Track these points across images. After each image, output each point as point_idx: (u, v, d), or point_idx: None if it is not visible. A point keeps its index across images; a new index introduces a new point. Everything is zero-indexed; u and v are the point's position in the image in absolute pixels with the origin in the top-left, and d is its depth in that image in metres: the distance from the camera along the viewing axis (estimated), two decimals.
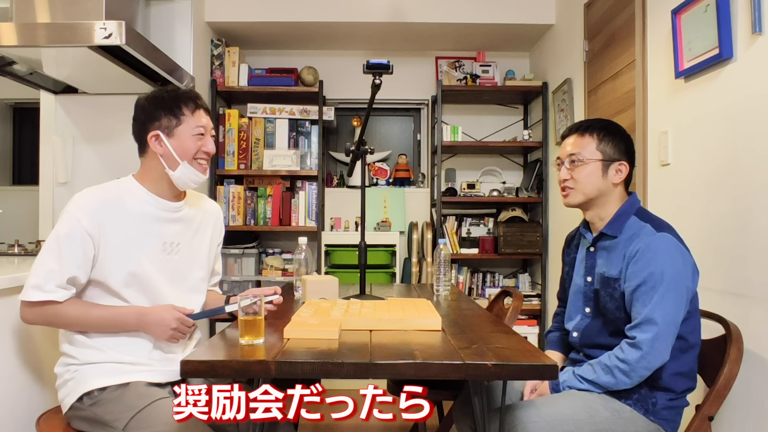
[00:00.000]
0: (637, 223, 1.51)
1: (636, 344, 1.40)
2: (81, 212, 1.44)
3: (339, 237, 3.53)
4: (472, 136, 3.82)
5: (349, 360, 1.13)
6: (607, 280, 1.52)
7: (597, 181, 1.54)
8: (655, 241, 1.43)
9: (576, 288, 1.66)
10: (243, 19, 3.30)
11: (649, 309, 1.40)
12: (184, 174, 1.54)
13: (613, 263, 1.52)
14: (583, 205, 1.59)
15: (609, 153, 1.54)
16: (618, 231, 1.53)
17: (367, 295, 1.86)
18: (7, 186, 4.60)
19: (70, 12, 2.26)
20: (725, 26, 1.69)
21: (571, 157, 1.56)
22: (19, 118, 4.68)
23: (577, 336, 1.62)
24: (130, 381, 1.47)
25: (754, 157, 1.61)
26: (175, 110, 1.52)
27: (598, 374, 1.46)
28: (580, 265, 1.66)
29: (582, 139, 1.56)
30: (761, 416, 1.57)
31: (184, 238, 1.62)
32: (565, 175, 1.58)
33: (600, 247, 1.59)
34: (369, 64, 1.66)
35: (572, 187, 1.57)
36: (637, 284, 1.43)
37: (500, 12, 3.31)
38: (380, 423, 2.90)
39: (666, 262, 1.41)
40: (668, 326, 1.40)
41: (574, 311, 1.66)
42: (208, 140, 1.58)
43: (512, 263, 3.86)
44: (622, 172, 1.54)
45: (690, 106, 1.93)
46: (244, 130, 3.45)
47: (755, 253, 1.59)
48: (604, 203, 1.56)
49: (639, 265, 1.43)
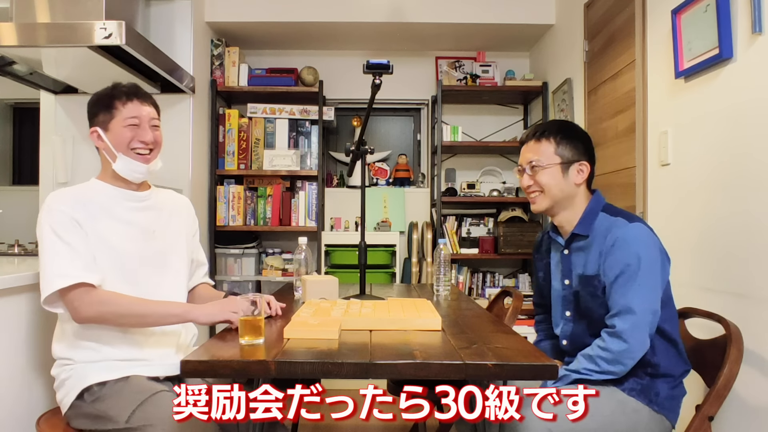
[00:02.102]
0: (607, 218, 1.52)
1: (617, 333, 1.41)
2: (62, 205, 1.48)
3: (339, 237, 3.53)
4: (472, 136, 3.82)
5: (349, 360, 1.13)
6: (587, 279, 1.53)
7: (559, 183, 1.55)
8: (629, 231, 1.45)
9: (556, 293, 1.66)
10: (243, 19, 3.30)
11: (627, 298, 1.42)
12: (125, 166, 1.56)
13: (590, 261, 1.52)
14: (550, 209, 1.59)
15: (567, 156, 1.55)
16: (588, 230, 1.54)
17: (367, 295, 1.86)
18: (7, 186, 4.60)
19: (70, 12, 2.26)
20: (725, 26, 1.69)
21: (531, 164, 1.58)
22: (19, 118, 4.68)
23: (567, 344, 1.63)
24: (129, 375, 1.48)
25: (754, 157, 1.61)
26: (109, 105, 1.55)
27: (581, 362, 1.47)
28: (555, 270, 1.67)
29: (539, 145, 1.57)
30: (761, 416, 1.57)
31: (158, 225, 1.64)
32: (527, 182, 1.59)
33: (574, 249, 1.59)
34: (369, 64, 1.66)
35: (538, 191, 1.58)
36: (615, 275, 1.44)
37: (500, 12, 3.31)
38: (380, 423, 2.90)
39: (641, 250, 1.43)
40: (646, 314, 1.41)
41: (557, 316, 1.66)
42: (143, 130, 1.57)
43: (512, 263, 3.86)
44: (583, 172, 1.56)
45: (690, 106, 1.93)
46: (244, 130, 3.45)
47: (755, 253, 1.59)
48: (571, 205, 1.57)
49: (616, 256, 1.45)
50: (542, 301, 1.78)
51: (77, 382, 1.48)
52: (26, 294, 1.64)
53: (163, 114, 1.70)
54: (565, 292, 1.62)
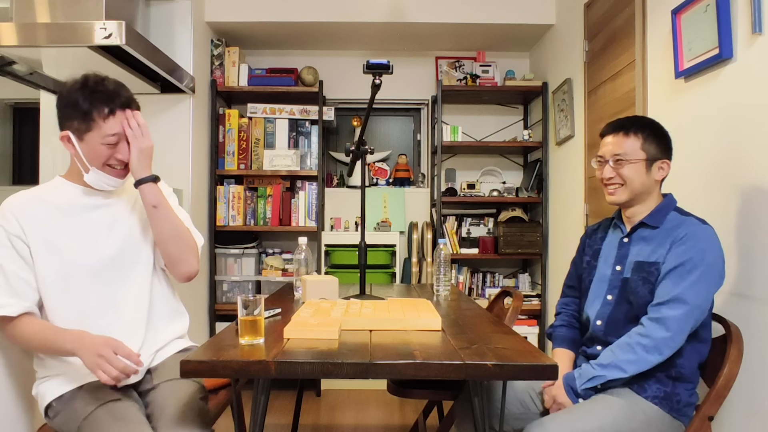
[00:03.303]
0: (679, 216, 1.55)
1: (662, 320, 1.42)
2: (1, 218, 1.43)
3: (339, 237, 3.53)
4: (472, 136, 3.82)
5: (349, 360, 1.13)
6: (643, 264, 1.55)
7: (642, 177, 1.58)
8: (701, 230, 1.48)
9: (600, 276, 1.68)
10: (243, 19, 3.30)
11: (681, 288, 1.43)
12: (97, 179, 1.49)
13: (653, 250, 1.54)
14: (627, 202, 1.61)
15: (653, 152, 1.58)
16: (659, 222, 1.57)
17: (367, 295, 1.86)
18: (7, 186, 4.60)
19: (70, 12, 2.26)
20: (725, 26, 1.69)
21: (616, 157, 1.59)
22: (19, 118, 4.68)
23: (601, 324, 1.62)
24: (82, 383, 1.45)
25: (755, 156, 1.61)
26: (86, 116, 1.42)
27: (617, 354, 1.46)
28: (608, 255, 1.68)
29: (627, 139, 1.59)
30: (761, 416, 1.57)
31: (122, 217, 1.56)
32: (610, 173, 1.61)
33: (637, 237, 1.61)
34: (369, 64, 1.66)
35: (618, 184, 1.60)
36: (675, 264, 1.46)
37: (500, 12, 3.31)
38: (380, 423, 2.90)
39: (708, 248, 1.45)
40: (696, 309, 1.42)
41: (595, 298, 1.67)
42: (122, 145, 1.48)
43: (512, 263, 3.86)
44: (664, 169, 1.59)
45: (690, 106, 1.93)
46: (244, 130, 3.45)
47: (755, 253, 1.60)
48: (646, 200, 1.60)
49: (683, 248, 1.47)
50: (576, 284, 1.81)
51: (42, 401, 1.48)
52: None
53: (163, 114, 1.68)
54: (612, 276, 1.64)
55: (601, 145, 1.66)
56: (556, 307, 1.86)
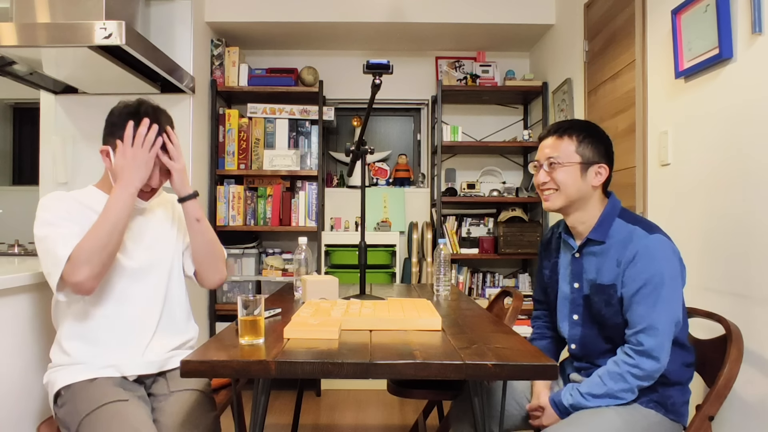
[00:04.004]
0: (625, 226, 1.48)
1: (646, 352, 1.39)
2: (56, 201, 1.49)
3: (339, 237, 3.53)
4: (472, 136, 3.82)
5: (349, 360, 1.13)
6: (601, 287, 1.50)
7: (577, 183, 1.51)
8: (651, 243, 1.42)
9: (563, 295, 1.63)
10: (243, 19, 3.30)
11: (652, 314, 1.39)
12: None
13: (606, 269, 1.49)
14: (563, 209, 1.55)
15: (588, 156, 1.51)
16: (605, 236, 1.50)
17: (367, 295, 1.86)
18: (7, 186, 4.60)
19: (70, 12, 2.26)
20: (725, 26, 1.69)
21: (550, 160, 1.53)
22: (19, 118, 4.68)
23: (576, 348, 1.60)
24: (96, 377, 1.47)
25: (755, 156, 1.61)
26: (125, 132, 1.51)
27: (609, 385, 1.42)
28: (565, 272, 1.63)
29: (561, 142, 1.53)
30: (761, 416, 1.57)
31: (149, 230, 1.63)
32: (543, 178, 1.55)
33: (587, 253, 1.55)
34: (369, 64, 1.66)
35: (553, 189, 1.54)
36: (637, 287, 1.41)
37: (500, 12, 3.31)
38: (380, 423, 2.90)
39: (664, 264, 1.40)
40: (670, 328, 1.40)
41: (563, 317, 1.63)
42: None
43: (512, 263, 3.86)
44: (601, 174, 1.52)
45: (690, 106, 1.93)
46: (244, 130, 3.45)
47: (755, 253, 1.60)
48: (585, 206, 1.53)
49: (638, 268, 1.42)
50: (544, 299, 1.76)
51: (52, 388, 1.49)
52: (26, 294, 1.64)
53: None
54: (573, 295, 1.59)
55: (539, 149, 1.59)
56: (531, 321, 1.84)
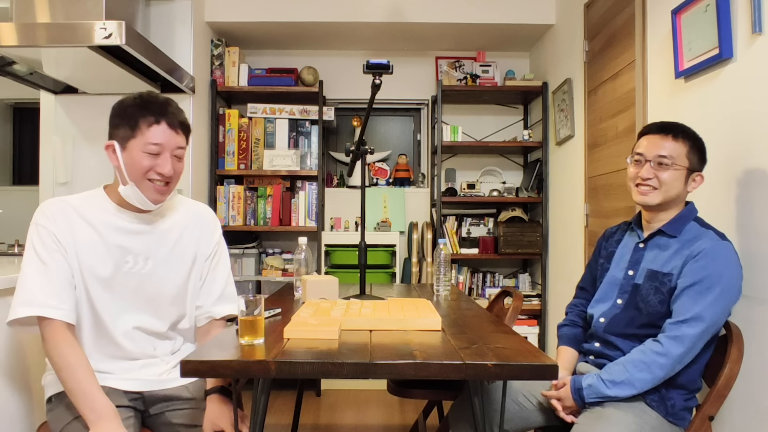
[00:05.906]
0: (698, 228, 1.52)
1: (680, 338, 1.40)
2: (44, 219, 1.38)
3: (339, 237, 3.53)
4: (472, 136, 3.82)
5: (349, 360, 1.13)
6: (656, 274, 1.53)
7: (679, 186, 1.53)
8: (719, 246, 1.45)
9: (612, 279, 1.67)
10: (243, 19, 3.30)
11: (701, 307, 1.40)
12: (132, 194, 1.41)
13: (667, 260, 1.52)
14: (656, 206, 1.57)
15: (694, 163, 1.54)
16: (678, 231, 1.54)
17: (367, 295, 1.86)
18: (7, 186, 4.60)
19: (70, 12, 2.26)
20: (725, 26, 1.69)
21: (661, 159, 1.53)
22: (19, 118, 4.68)
23: (603, 322, 1.62)
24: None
25: (755, 156, 1.61)
26: (132, 121, 1.38)
27: (632, 372, 1.43)
28: (622, 259, 1.67)
29: (675, 143, 1.53)
30: (761, 416, 1.57)
31: (157, 252, 1.49)
32: (648, 174, 1.54)
33: (652, 244, 1.59)
34: (369, 64, 1.66)
35: (655, 187, 1.54)
36: (692, 281, 1.43)
37: (500, 12, 3.31)
38: (380, 423, 2.90)
39: (726, 268, 1.43)
40: (713, 326, 1.41)
41: (604, 299, 1.66)
42: (163, 160, 1.40)
43: (512, 263, 3.86)
44: (696, 182, 1.56)
45: (690, 106, 1.93)
46: (244, 130, 3.45)
47: (755, 253, 1.59)
48: (671, 207, 1.57)
49: (699, 264, 1.44)
50: (589, 287, 1.80)
51: (45, 391, 1.48)
52: None
53: None
54: (624, 281, 1.62)
55: (642, 143, 1.58)
56: (566, 307, 1.87)
